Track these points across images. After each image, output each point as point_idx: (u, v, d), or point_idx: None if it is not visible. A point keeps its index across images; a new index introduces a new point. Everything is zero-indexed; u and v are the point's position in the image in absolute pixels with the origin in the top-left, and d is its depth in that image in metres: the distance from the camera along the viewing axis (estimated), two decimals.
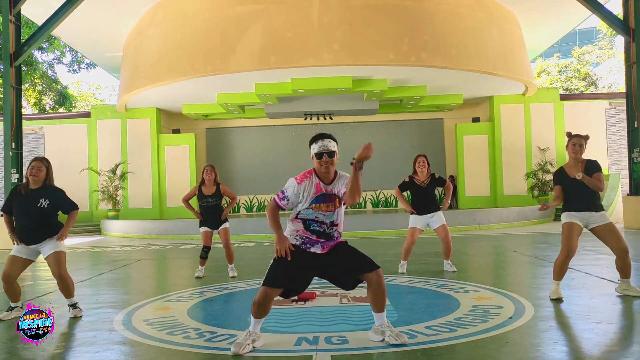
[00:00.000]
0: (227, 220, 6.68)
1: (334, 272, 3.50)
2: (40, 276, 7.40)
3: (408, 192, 6.56)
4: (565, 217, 4.72)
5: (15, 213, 4.48)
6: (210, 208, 6.49)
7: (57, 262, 4.48)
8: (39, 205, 4.39)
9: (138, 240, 13.05)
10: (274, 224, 3.42)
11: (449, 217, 12.84)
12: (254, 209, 18.35)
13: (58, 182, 4.71)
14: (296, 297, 4.94)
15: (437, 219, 6.41)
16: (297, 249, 3.43)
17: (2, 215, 4.58)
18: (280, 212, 3.52)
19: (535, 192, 16.13)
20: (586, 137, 4.83)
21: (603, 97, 18.12)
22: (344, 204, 3.47)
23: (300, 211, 3.43)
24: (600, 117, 17.35)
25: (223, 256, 6.95)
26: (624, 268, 4.65)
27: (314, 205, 3.38)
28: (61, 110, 23.38)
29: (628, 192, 12.80)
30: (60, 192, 4.55)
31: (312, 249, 3.45)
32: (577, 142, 4.77)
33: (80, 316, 4.56)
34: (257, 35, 12.49)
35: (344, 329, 3.91)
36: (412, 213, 6.44)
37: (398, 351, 3.29)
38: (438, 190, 6.67)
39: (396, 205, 18.12)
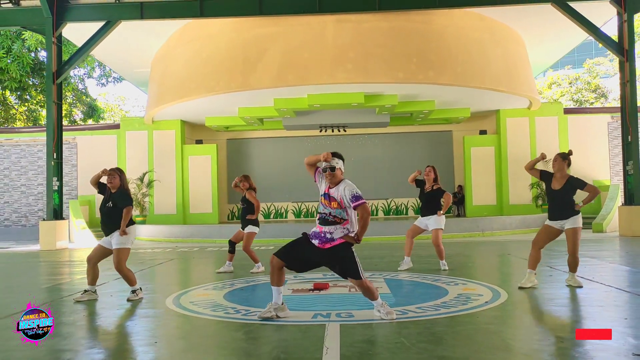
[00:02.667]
0: (253, 224, 7.65)
1: (330, 268, 4.46)
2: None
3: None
4: (546, 222, 5.79)
5: (100, 208, 5.65)
6: (239, 210, 7.66)
7: (117, 258, 5.53)
8: (107, 204, 5.56)
9: (166, 244, 14.14)
10: (311, 158, 4.56)
11: (456, 224, 13.81)
12: (271, 216, 19.38)
13: (89, 190, 5.94)
14: (312, 287, 5.97)
15: (433, 222, 7.40)
16: (306, 237, 4.43)
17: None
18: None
19: (539, 202, 16.92)
20: (570, 153, 5.79)
21: (605, 111, 18.86)
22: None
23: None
24: (602, 130, 18.11)
25: (246, 256, 7.96)
26: (571, 264, 5.74)
27: (321, 198, 4.44)
28: (90, 121, 24.78)
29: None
30: (124, 193, 5.62)
31: (313, 241, 4.41)
32: (555, 157, 5.76)
33: (141, 298, 5.59)
34: (276, 55, 13.57)
35: (351, 308, 4.88)
36: (418, 173, 7.55)
37: (392, 322, 4.26)
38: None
39: (406, 213, 19.01)
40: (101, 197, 5.69)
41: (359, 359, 3.32)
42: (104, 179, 5.64)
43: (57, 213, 13.36)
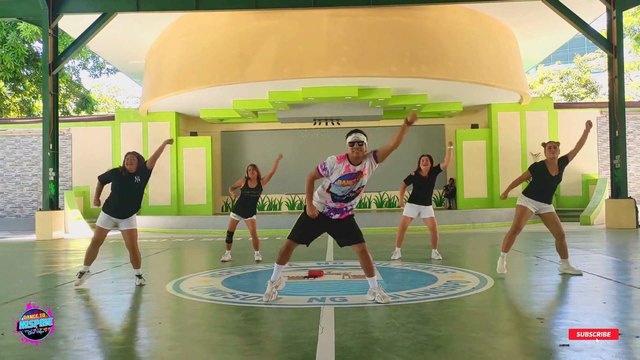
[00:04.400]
0: (256, 213, 7.92)
1: (337, 233, 4.74)
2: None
3: (411, 186, 7.85)
4: (522, 200, 5.97)
5: (113, 188, 5.76)
6: (251, 199, 7.74)
7: (132, 237, 5.79)
8: (134, 181, 5.72)
9: (161, 234, 14.31)
10: (308, 194, 4.63)
11: (447, 216, 14.08)
12: (265, 208, 19.59)
13: (84, 181, 6.09)
14: (307, 274, 6.19)
15: (428, 211, 7.65)
16: (321, 216, 4.64)
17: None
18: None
19: None
20: (558, 143, 6.04)
21: (594, 106, 19.20)
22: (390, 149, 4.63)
23: (330, 185, 4.60)
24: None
25: (244, 246, 8.20)
26: (561, 249, 5.90)
27: (340, 181, 4.54)
28: (83, 113, 24.80)
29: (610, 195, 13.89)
30: (145, 168, 5.89)
31: (334, 216, 4.65)
32: (552, 145, 5.97)
33: (144, 284, 5.80)
34: (272, 49, 13.72)
35: (345, 293, 5.11)
36: (401, 206, 7.72)
37: (384, 305, 4.49)
38: (437, 192, 7.89)
39: (398, 206, 19.26)
40: (105, 188, 5.85)
41: (352, 336, 3.55)
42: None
43: (53, 203, 13.49)
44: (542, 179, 5.97)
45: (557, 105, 18.79)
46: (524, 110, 17.91)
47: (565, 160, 5.96)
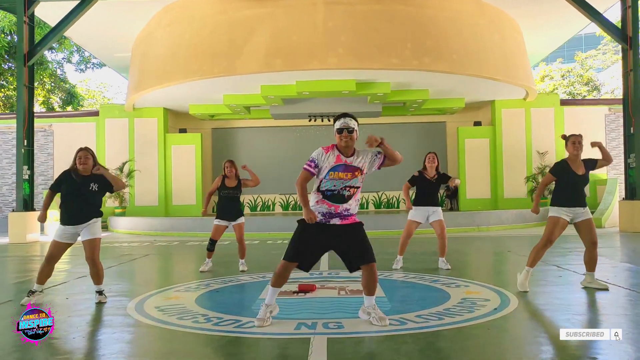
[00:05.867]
0: (243, 215, 7.00)
1: (344, 251, 3.91)
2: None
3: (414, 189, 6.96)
4: (554, 211, 5.08)
5: (64, 195, 4.86)
6: (231, 199, 6.77)
7: (92, 248, 4.89)
8: (90, 189, 4.83)
9: (145, 237, 13.39)
10: (302, 199, 3.84)
11: (449, 218, 13.18)
12: (258, 209, 18.69)
13: None
14: (297, 289, 5.30)
15: (437, 214, 6.77)
16: (319, 226, 3.83)
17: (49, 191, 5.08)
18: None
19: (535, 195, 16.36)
20: (581, 136, 5.17)
21: (603, 103, 18.36)
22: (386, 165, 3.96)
23: (321, 181, 3.81)
24: (599, 122, 17.60)
25: (230, 252, 7.29)
26: (590, 261, 5.04)
27: (332, 173, 3.76)
28: (69, 109, 23.79)
29: (624, 196, 13.05)
30: (104, 175, 4.95)
31: (332, 221, 3.84)
32: (576, 140, 5.10)
33: (104, 302, 4.90)
34: (264, 39, 12.82)
35: (341, 316, 4.22)
36: (410, 209, 6.80)
37: (388, 335, 3.60)
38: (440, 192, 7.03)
39: (398, 207, 18.40)
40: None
41: None
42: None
43: (27, 204, 12.55)
44: (568, 179, 5.09)
45: (564, 102, 17.96)
46: (529, 107, 17.08)
47: (592, 164, 5.11)
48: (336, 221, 3.84)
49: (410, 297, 5.07)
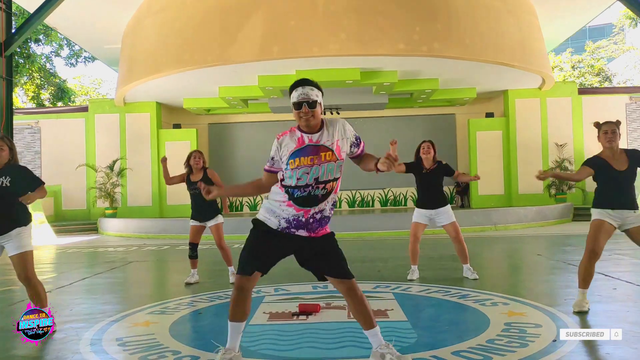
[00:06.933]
0: (220, 214, 5.97)
1: (309, 258, 2.93)
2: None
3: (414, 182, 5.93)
4: (596, 213, 4.06)
5: None
6: (199, 197, 5.65)
7: (23, 263, 3.87)
8: (1, 184, 3.80)
9: (134, 240, 12.41)
10: (234, 187, 2.91)
11: (462, 216, 12.17)
12: (258, 207, 17.70)
13: (55, 179, 4.12)
14: (297, 311, 4.31)
15: (445, 215, 5.70)
16: (275, 233, 2.86)
17: None
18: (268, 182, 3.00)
19: (553, 191, 15.35)
20: (618, 123, 4.15)
21: (623, 91, 17.31)
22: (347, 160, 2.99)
23: (283, 175, 2.85)
24: (620, 112, 16.52)
25: (219, 259, 6.28)
26: None
27: (293, 161, 2.78)
28: (60, 104, 22.80)
29: None
30: (24, 169, 4.01)
31: (298, 232, 2.86)
32: (608, 129, 4.07)
33: (53, 332, 3.89)
34: (259, 24, 11.80)
35: (354, 353, 3.23)
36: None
37: None
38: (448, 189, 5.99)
39: (405, 204, 17.39)
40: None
41: None
42: None
43: None
44: (606, 177, 4.05)
45: (582, 91, 16.89)
46: (544, 97, 16.02)
47: (637, 154, 4.07)
48: (302, 233, 2.86)
49: (439, 320, 4.06)
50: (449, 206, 5.76)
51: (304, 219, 2.82)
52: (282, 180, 2.86)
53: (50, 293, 5.46)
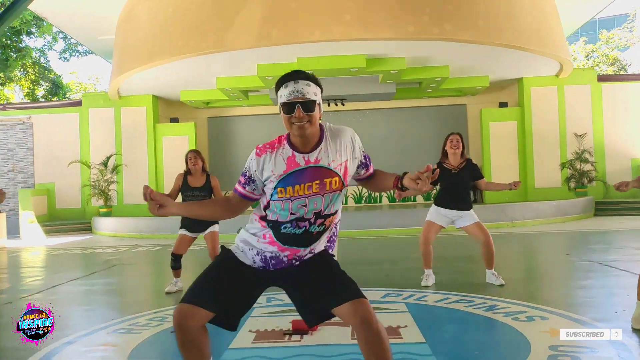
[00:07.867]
0: (217, 222, 5.20)
1: (297, 292, 2.15)
2: None
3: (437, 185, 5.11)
4: None
5: None
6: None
7: None
8: None
9: (127, 240, 11.70)
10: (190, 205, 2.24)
11: (478, 212, 11.38)
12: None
13: (48, 177, 3.36)
14: (290, 329, 3.53)
15: (469, 217, 4.94)
16: (246, 269, 2.10)
17: None
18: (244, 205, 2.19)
19: (572, 184, 14.46)
20: None
21: None
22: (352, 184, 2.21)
23: (267, 204, 2.03)
24: None
25: (205, 264, 5.49)
26: None
27: (282, 189, 1.96)
28: (56, 99, 22.08)
29: None
30: None
31: (277, 267, 2.10)
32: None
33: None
34: (257, 6, 11.00)
35: None
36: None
37: None
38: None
39: (414, 200, 16.56)
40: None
41: None
42: None
43: None
44: None
45: (601, 78, 15.92)
46: (562, 85, 15.10)
47: None
48: (282, 265, 2.11)
49: (464, 342, 3.26)
50: (472, 210, 4.99)
51: (286, 260, 2.06)
52: (266, 208, 2.07)
53: (7, 305, 4.73)
